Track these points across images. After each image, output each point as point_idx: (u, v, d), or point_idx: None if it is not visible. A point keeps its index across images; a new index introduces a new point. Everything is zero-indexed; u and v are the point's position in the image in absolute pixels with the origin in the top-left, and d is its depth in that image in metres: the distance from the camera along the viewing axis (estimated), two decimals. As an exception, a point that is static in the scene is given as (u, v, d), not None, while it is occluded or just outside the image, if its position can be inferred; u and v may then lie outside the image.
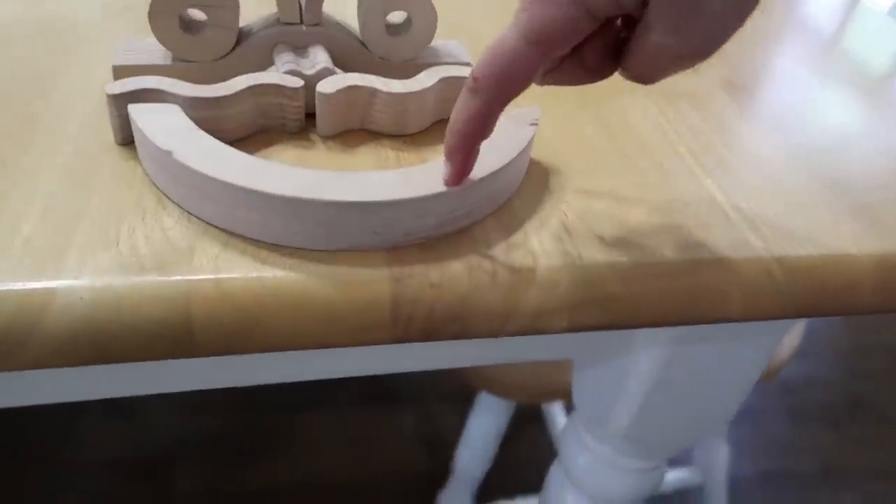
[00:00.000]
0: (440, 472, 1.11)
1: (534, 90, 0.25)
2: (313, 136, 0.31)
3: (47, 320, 0.22)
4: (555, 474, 0.50)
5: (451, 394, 1.26)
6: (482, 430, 0.87)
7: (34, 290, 0.22)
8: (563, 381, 0.81)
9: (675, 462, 1.00)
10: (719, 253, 0.27)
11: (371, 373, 0.35)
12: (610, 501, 0.46)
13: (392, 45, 0.32)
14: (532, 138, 0.29)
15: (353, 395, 1.23)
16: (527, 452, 1.16)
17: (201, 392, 1.18)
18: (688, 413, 0.38)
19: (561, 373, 0.81)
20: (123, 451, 1.12)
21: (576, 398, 0.44)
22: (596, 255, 0.26)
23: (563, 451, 0.47)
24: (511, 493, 0.99)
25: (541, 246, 0.26)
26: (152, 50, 0.31)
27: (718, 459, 0.95)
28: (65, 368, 0.25)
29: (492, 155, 0.27)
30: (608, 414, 0.39)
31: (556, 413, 1.00)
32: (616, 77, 0.25)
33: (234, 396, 1.21)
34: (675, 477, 0.96)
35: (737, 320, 0.28)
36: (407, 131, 0.31)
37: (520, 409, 0.91)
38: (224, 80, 0.29)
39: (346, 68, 0.32)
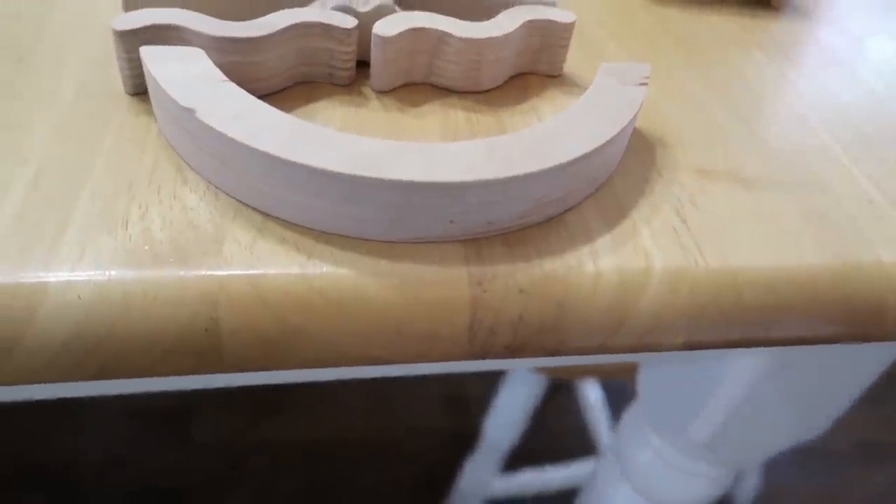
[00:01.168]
0: (464, 433, 1.08)
1: (623, 40, 0.19)
2: (366, 91, 0.25)
3: (35, 325, 0.17)
4: (605, 468, 0.46)
5: (477, 355, 1.22)
6: (513, 402, 0.83)
7: (19, 285, 0.17)
8: (601, 353, 0.77)
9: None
10: (873, 255, 0.22)
11: (416, 373, 0.31)
12: (670, 504, 0.42)
13: (464, -21, 0.26)
14: (642, 102, 0.23)
15: (375, 353, 1.20)
16: (555, 423, 1.13)
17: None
18: (782, 423, 0.33)
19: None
20: (141, 400, 1.10)
21: (644, 395, 0.39)
22: (722, 254, 0.21)
23: (622, 446, 0.42)
24: (538, 463, 0.96)
25: (653, 241, 0.21)
26: (170, -24, 0.25)
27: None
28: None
29: (597, 121, 0.21)
30: (687, 419, 0.34)
31: (587, 386, 0.96)
32: (720, 27, 0.19)
33: (254, 350, 1.18)
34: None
35: (891, 339, 0.23)
36: (480, 87, 0.26)
37: (551, 379, 0.88)
38: (256, 16, 0.24)
39: (407, 6, 0.26)
